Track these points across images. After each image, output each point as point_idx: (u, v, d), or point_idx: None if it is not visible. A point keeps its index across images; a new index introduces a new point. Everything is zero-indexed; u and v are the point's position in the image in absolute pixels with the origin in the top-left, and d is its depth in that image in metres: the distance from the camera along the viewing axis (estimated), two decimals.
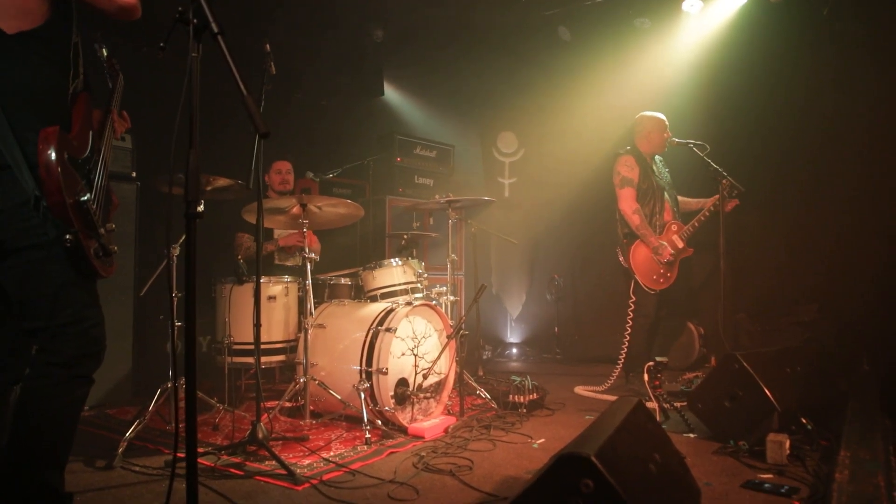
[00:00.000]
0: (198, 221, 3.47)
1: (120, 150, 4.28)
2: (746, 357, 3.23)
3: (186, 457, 1.46)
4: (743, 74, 5.64)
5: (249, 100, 1.50)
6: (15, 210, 1.80)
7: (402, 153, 6.42)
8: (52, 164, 1.76)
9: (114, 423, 3.74)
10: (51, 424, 1.87)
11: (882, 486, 2.14)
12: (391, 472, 2.84)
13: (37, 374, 1.87)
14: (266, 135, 1.51)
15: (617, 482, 1.50)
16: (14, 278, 1.87)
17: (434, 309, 3.91)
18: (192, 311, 1.49)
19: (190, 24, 1.56)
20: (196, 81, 1.52)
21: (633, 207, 4.62)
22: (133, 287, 4.30)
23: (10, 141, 1.77)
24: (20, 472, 1.82)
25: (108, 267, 2.00)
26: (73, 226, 1.82)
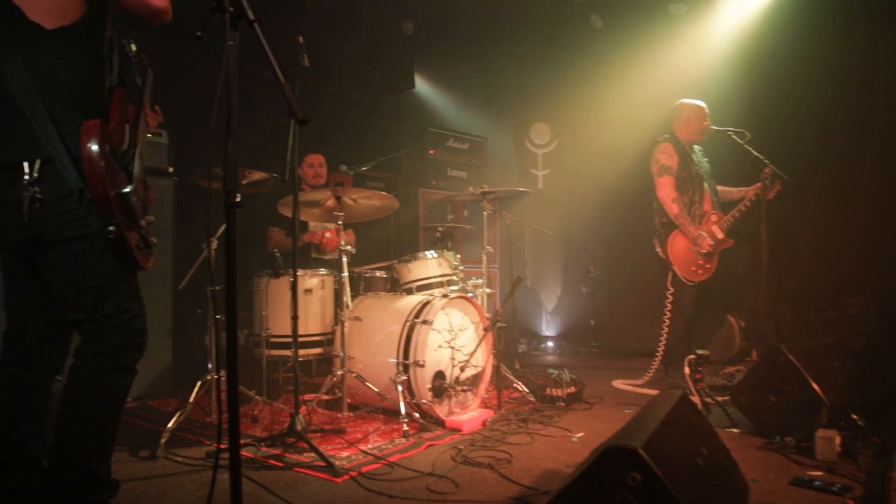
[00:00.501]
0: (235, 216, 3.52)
1: (156, 145, 4.34)
2: (792, 350, 3.13)
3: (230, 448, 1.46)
4: (783, 59, 5.48)
5: (287, 87, 1.49)
6: (57, 202, 1.82)
7: (434, 146, 6.39)
8: (95, 156, 1.77)
9: (156, 414, 3.80)
10: (96, 414, 1.89)
11: None
12: (430, 464, 2.83)
13: (82, 364, 1.90)
14: (304, 121, 1.49)
15: (665, 475, 1.46)
16: (57, 271, 1.89)
17: (470, 301, 3.88)
18: (233, 303, 1.48)
19: (226, 13, 1.54)
20: (233, 70, 1.51)
21: (671, 196, 4.51)
22: (172, 281, 4.37)
23: (51, 133, 1.79)
24: (68, 461, 1.84)
25: (147, 259, 2.02)
26: (117, 218, 1.84)
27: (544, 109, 7.52)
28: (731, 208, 4.51)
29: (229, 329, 1.49)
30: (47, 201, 1.80)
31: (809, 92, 5.31)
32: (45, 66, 1.84)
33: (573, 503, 1.55)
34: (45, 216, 1.81)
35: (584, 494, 1.54)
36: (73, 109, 1.86)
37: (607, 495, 1.51)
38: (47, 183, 1.80)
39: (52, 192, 1.81)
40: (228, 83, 1.53)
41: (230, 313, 1.50)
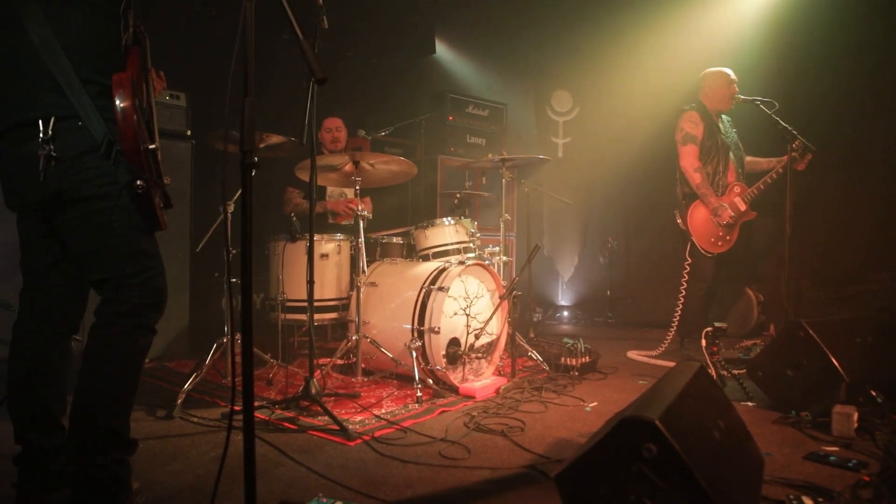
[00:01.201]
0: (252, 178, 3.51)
1: (175, 108, 4.34)
2: (812, 325, 3.08)
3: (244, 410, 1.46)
4: (812, 28, 5.31)
5: (306, 44, 1.45)
6: (75, 160, 1.80)
7: (454, 112, 6.31)
8: (128, 109, 1.75)
9: (172, 375, 3.85)
10: (117, 373, 1.91)
11: None
12: (442, 430, 2.84)
13: (103, 323, 1.91)
14: (323, 80, 1.46)
15: (681, 447, 1.44)
16: (76, 229, 1.88)
17: (487, 269, 3.86)
18: (248, 265, 1.47)
19: None
20: (250, 29, 1.48)
21: (694, 165, 4.44)
22: (189, 243, 4.39)
23: (77, 87, 1.77)
24: (89, 419, 1.87)
25: (165, 219, 2.01)
26: (145, 172, 1.83)
27: (566, 77, 7.39)
28: (758, 180, 4.43)
29: (244, 292, 1.48)
30: (63, 159, 1.79)
31: (834, 61, 5.16)
32: (66, 20, 1.81)
33: (588, 472, 1.54)
34: (61, 174, 1.80)
35: (600, 464, 1.53)
36: (93, 64, 1.84)
37: (623, 466, 1.50)
38: (62, 140, 1.79)
39: (68, 149, 1.80)
40: (245, 43, 1.50)
41: (245, 276, 1.49)
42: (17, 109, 1.83)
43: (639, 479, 1.46)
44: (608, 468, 1.51)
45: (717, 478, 1.53)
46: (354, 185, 3.75)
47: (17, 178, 1.89)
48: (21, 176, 1.85)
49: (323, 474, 2.31)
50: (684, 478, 1.44)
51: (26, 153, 1.79)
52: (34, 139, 1.77)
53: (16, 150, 1.84)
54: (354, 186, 3.75)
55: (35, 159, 1.77)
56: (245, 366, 1.49)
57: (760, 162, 4.67)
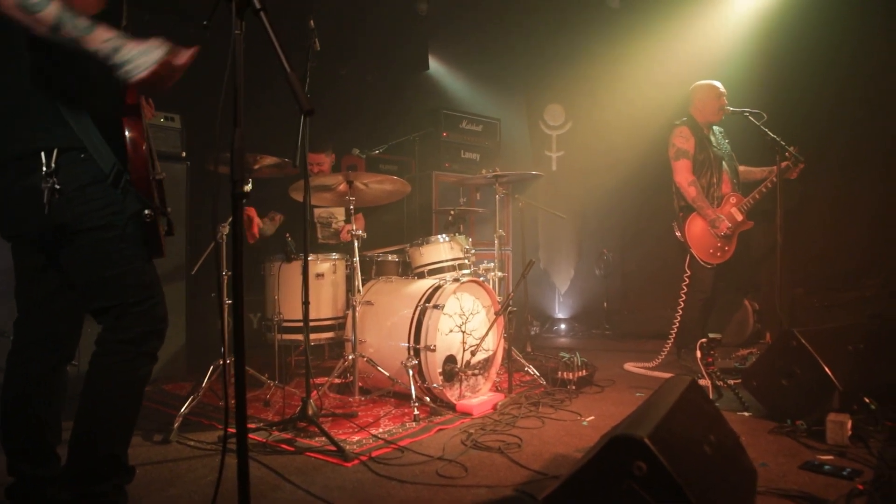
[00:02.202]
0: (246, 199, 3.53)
1: (169, 130, 4.36)
2: (805, 334, 3.11)
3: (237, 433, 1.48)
4: (801, 39, 5.36)
5: (293, 77, 1.48)
6: (79, 191, 1.82)
7: (447, 128, 6.36)
8: (138, 139, 1.80)
9: (169, 398, 3.85)
10: (118, 400, 1.92)
11: None
12: (440, 449, 2.85)
13: (105, 351, 1.92)
14: (310, 112, 1.49)
15: (671, 465, 1.46)
16: (80, 259, 1.90)
17: (482, 285, 3.88)
18: (240, 291, 1.49)
19: (232, 1, 1.54)
20: (240, 59, 1.51)
21: (688, 179, 4.48)
22: (185, 265, 4.40)
23: (82, 118, 1.81)
24: (90, 446, 1.88)
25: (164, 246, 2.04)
26: (154, 202, 1.87)
27: (559, 90, 7.45)
28: (753, 189, 4.46)
29: (236, 317, 1.50)
30: (67, 191, 1.81)
31: (825, 71, 5.21)
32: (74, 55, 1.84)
33: (579, 492, 1.56)
34: (64, 206, 1.81)
35: (590, 483, 1.55)
36: (96, 96, 1.87)
37: (613, 484, 1.51)
38: (66, 172, 1.81)
39: (71, 181, 1.81)
40: (235, 73, 1.53)
41: (237, 301, 1.51)
42: (18, 141, 1.84)
43: (630, 498, 1.48)
44: (598, 487, 1.52)
45: (707, 493, 1.55)
46: (348, 205, 3.77)
47: (18, 210, 1.90)
48: (22, 208, 1.86)
49: (320, 496, 2.32)
50: (675, 495, 1.45)
51: (29, 185, 1.80)
52: (37, 171, 1.79)
53: (17, 182, 1.85)
54: (349, 206, 3.78)
55: (38, 192, 1.78)
56: (238, 388, 1.51)
57: (754, 172, 4.71)
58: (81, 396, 1.91)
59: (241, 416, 1.48)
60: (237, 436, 1.53)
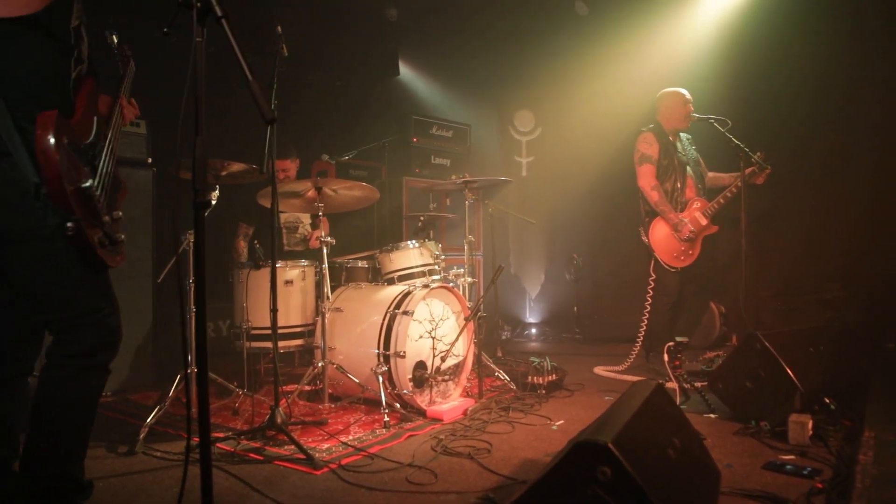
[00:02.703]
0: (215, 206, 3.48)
1: (135, 135, 4.29)
2: (768, 336, 3.17)
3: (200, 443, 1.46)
4: (767, 46, 5.49)
5: (255, 85, 1.47)
6: (17, 199, 1.77)
7: (418, 133, 6.37)
8: (50, 149, 1.72)
9: (135, 408, 3.78)
10: (69, 415, 1.87)
11: None
12: (410, 455, 2.85)
13: (53, 365, 1.87)
14: (272, 121, 1.48)
15: (634, 469, 1.48)
16: (21, 269, 1.85)
17: (451, 291, 3.89)
18: (202, 301, 1.47)
19: (193, 8, 1.52)
20: (201, 67, 1.50)
21: (651, 184, 4.55)
22: (152, 273, 4.34)
23: (8, 126, 1.74)
24: (41, 463, 1.83)
25: (114, 256, 1.97)
26: (75, 213, 1.78)
27: (528, 97, 7.51)
28: (720, 195, 4.54)
29: (199, 325, 1.48)
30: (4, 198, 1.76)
31: (792, 78, 5.34)
32: (4, 57, 1.79)
33: (544, 497, 1.57)
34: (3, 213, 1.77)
35: (556, 489, 1.56)
36: (32, 102, 1.80)
37: (578, 490, 1.53)
38: (5, 179, 1.76)
39: (9, 188, 1.76)
40: (196, 81, 1.52)
41: (200, 310, 1.49)
42: None
43: (595, 503, 1.49)
44: (564, 493, 1.54)
45: (671, 496, 1.57)
46: (317, 211, 3.75)
47: None
48: None
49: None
50: (639, 500, 1.47)
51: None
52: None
53: None
54: (317, 212, 3.76)
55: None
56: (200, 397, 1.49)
57: (722, 177, 4.79)
58: (32, 411, 1.85)
59: (204, 425, 1.46)
60: (200, 446, 1.51)
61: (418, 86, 7.47)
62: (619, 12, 6.37)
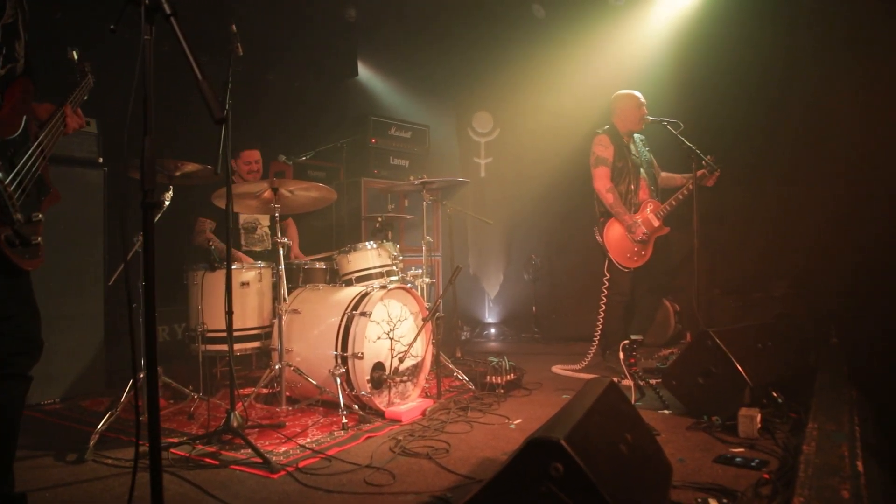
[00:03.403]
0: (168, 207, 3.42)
1: (85, 134, 4.18)
2: (719, 334, 3.26)
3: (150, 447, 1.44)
4: (721, 49, 5.64)
5: (204, 84, 1.45)
6: None
7: (376, 134, 6.35)
8: None
9: (87, 414, 3.69)
10: None
11: (846, 456, 2.18)
12: (368, 456, 2.84)
13: None
14: (222, 121, 1.46)
15: (586, 465, 1.50)
16: None
17: (409, 292, 3.89)
18: (152, 305, 1.45)
19: (141, 6, 1.50)
20: (150, 65, 1.47)
21: (606, 186, 4.63)
22: (103, 276, 4.23)
23: None
24: None
25: (29, 259, 1.89)
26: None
27: (487, 98, 7.55)
28: (674, 194, 4.63)
29: (148, 330, 1.45)
30: None
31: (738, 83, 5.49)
32: None
33: (499, 495, 1.59)
34: None
35: (510, 486, 1.58)
36: None
37: (531, 486, 1.55)
38: None
39: None
40: (144, 79, 1.49)
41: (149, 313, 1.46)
42: None
43: (548, 499, 1.51)
44: (518, 490, 1.56)
45: (623, 491, 1.61)
46: (273, 212, 3.71)
47: None
48: None
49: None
50: (591, 494, 1.50)
51: None
52: None
53: None
54: (273, 213, 3.72)
55: None
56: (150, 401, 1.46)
57: (675, 178, 4.90)
58: None
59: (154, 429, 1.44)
60: (150, 451, 1.49)
61: (377, 87, 7.45)
62: (574, 15, 6.47)
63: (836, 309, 4.85)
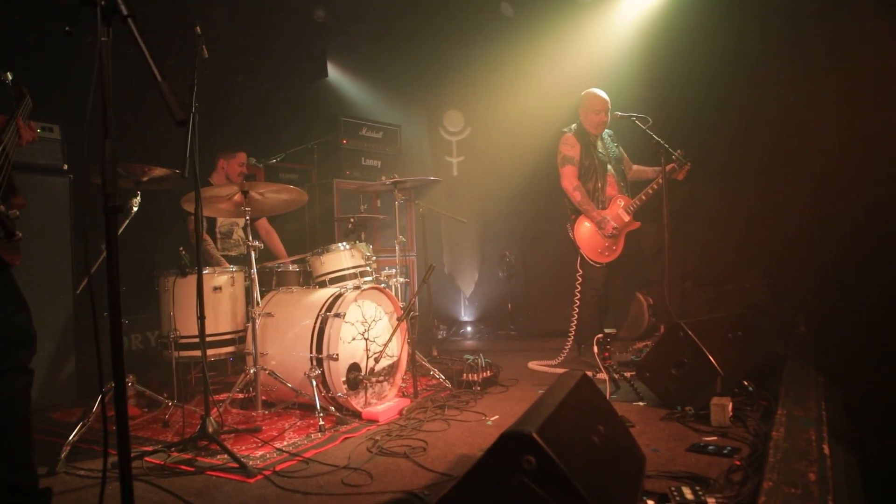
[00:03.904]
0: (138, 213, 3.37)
1: (48, 141, 4.10)
2: (691, 325, 3.31)
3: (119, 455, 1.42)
4: (684, 47, 5.70)
5: (165, 86, 1.44)
6: None
7: (347, 135, 6.33)
8: None
9: (58, 426, 3.62)
10: None
11: (813, 439, 2.23)
12: (345, 458, 2.84)
13: None
14: (183, 123, 1.45)
15: (559, 457, 1.51)
16: None
17: (383, 292, 3.88)
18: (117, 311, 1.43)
19: (97, 6, 1.47)
20: (108, 67, 1.45)
21: (573, 184, 4.67)
22: (72, 284, 4.16)
23: None
24: None
25: (11, 254, 1.91)
26: None
27: (457, 97, 7.56)
28: (646, 187, 4.67)
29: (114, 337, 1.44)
30: None
31: (708, 78, 5.55)
32: None
33: (473, 490, 1.59)
34: None
35: (484, 481, 1.59)
36: None
37: (505, 480, 1.56)
38: None
39: None
40: (103, 81, 1.47)
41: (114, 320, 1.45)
42: None
43: (521, 492, 1.52)
44: (491, 484, 1.56)
45: (596, 481, 1.62)
46: (244, 216, 3.68)
47: None
48: None
49: None
50: (564, 486, 1.51)
51: None
52: None
53: None
54: (245, 216, 3.69)
55: None
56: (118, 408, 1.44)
57: (646, 171, 4.95)
58: None
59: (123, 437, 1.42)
60: (119, 459, 1.47)
61: (347, 87, 7.42)
62: (543, 14, 6.51)
63: (806, 299, 4.94)
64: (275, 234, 5.18)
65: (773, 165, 5.41)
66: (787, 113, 5.33)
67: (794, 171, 5.27)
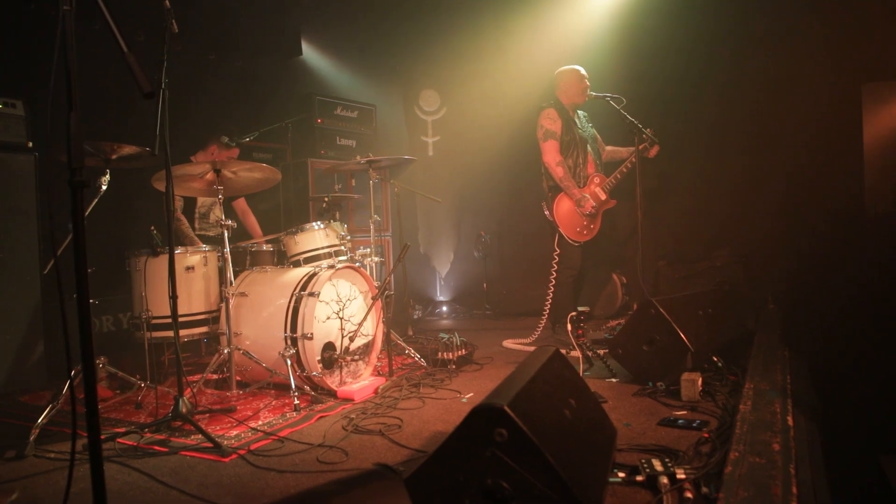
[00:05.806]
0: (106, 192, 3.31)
1: (10, 117, 3.98)
2: (662, 302, 3.36)
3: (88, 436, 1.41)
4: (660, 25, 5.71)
5: (131, 58, 1.41)
6: None
7: (322, 114, 6.26)
8: None
9: (26, 409, 3.56)
10: None
11: (778, 412, 2.29)
12: (320, 436, 2.84)
13: None
14: (150, 95, 1.42)
15: (530, 429, 1.54)
16: None
17: (358, 271, 3.87)
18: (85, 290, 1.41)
19: None
20: (71, 38, 1.41)
21: (556, 160, 4.67)
22: (39, 265, 4.08)
23: None
24: None
25: None
26: None
27: (433, 76, 7.52)
28: (619, 167, 4.71)
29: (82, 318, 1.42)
30: None
31: (684, 57, 5.58)
32: None
33: (447, 462, 1.61)
34: None
35: (457, 454, 1.61)
36: None
37: (478, 452, 1.58)
38: None
39: None
40: (66, 52, 1.43)
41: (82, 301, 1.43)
42: None
43: (494, 463, 1.55)
44: (465, 456, 1.58)
45: (566, 453, 1.65)
46: (217, 195, 3.63)
47: None
48: None
49: (195, 495, 2.25)
50: (535, 457, 1.53)
51: None
52: None
53: None
54: (217, 195, 3.64)
55: None
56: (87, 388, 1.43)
57: (620, 151, 4.98)
58: None
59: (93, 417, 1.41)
60: (89, 440, 1.46)
61: (322, 66, 7.32)
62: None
63: (777, 276, 5.04)
64: (251, 215, 5.15)
65: (749, 145, 5.48)
66: (764, 93, 5.39)
67: (770, 151, 5.34)
